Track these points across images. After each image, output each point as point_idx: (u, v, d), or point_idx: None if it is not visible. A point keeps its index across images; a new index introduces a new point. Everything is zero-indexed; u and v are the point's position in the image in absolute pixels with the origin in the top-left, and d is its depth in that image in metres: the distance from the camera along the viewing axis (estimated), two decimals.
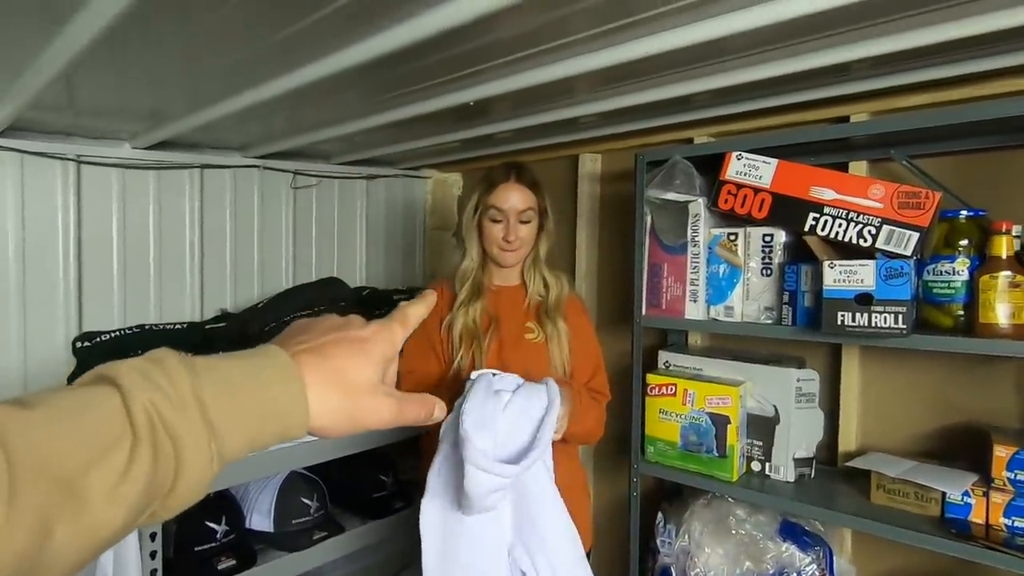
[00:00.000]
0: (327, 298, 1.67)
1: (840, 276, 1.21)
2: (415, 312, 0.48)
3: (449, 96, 1.40)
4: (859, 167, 1.51)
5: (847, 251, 1.27)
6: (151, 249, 1.83)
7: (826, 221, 1.29)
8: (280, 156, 2.10)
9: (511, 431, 1.05)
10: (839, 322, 1.21)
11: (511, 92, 1.33)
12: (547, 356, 1.35)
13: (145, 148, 1.77)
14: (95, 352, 1.48)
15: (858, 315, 1.19)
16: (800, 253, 1.38)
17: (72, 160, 1.68)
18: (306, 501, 1.66)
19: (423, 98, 1.44)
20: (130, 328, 1.53)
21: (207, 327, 1.69)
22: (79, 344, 1.51)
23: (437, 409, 0.47)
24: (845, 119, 1.51)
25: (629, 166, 2.01)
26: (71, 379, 1.56)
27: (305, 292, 1.69)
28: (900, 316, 1.15)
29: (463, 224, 1.40)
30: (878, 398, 1.51)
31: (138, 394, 0.33)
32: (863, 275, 1.19)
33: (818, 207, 1.30)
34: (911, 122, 1.24)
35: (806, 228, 1.32)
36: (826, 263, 1.23)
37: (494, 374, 1.14)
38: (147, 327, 1.55)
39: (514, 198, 1.33)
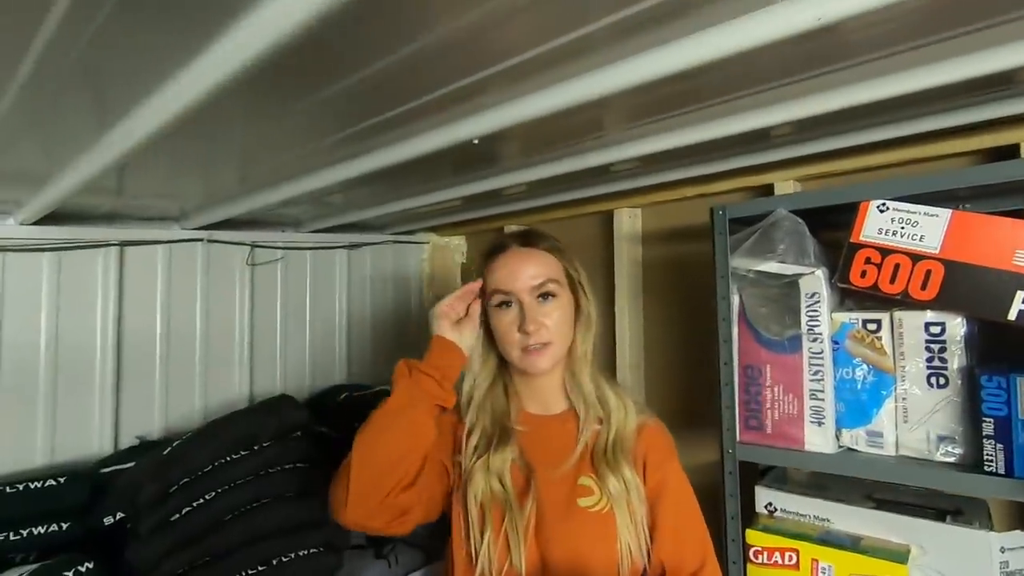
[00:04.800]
0: (271, 429, 1.14)
1: None
2: None
3: (440, 133, 0.95)
4: None
5: None
6: (41, 362, 1.32)
7: None
8: (232, 225, 1.65)
9: None
10: None
11: (517, 126, 0.89)
12: (615, 535, 0.83)
13: (34, 224, 1.31)
14: None
15: None
16: (993, 353, 0.89)
17: None
18: None
19: (410, 135, 0.99)
20: None
21: (101, 470, 1.15)
22: None
23: None
24: (1014, 148, 1.05)
25: (679, 223, 1.57)
26: None
27: (239, 424, 1.13)
28: None
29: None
30: None
31: None
32: None
33: None
34: None
35: (1012, 315, 0.83)
36: None
37: None
38: None
39: (523, 269, 0.89)
